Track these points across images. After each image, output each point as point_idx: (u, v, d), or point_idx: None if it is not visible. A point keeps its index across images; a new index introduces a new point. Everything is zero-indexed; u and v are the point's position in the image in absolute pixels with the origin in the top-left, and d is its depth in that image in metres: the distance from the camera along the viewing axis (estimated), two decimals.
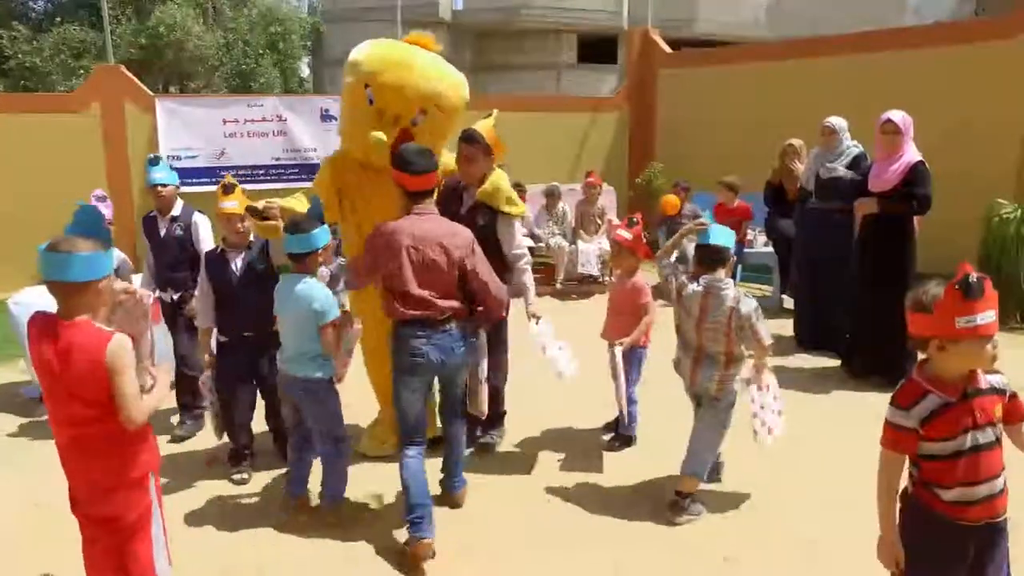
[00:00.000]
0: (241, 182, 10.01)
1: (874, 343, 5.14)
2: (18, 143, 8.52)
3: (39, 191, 8.43)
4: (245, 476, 3.87)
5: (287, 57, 17.56)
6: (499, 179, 3.87)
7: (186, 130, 9.16)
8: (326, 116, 9.74)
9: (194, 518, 3.49)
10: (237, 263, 3.85)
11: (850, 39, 9.19)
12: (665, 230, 8.25)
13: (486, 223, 3.81)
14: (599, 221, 8.21)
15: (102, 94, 8.93)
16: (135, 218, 8.86)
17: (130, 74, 9.30)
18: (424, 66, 3.61)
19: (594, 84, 20.76)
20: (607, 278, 8.26)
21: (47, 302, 2.36)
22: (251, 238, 3.89)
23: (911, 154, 4.93)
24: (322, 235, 3.29)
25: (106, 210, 4.78)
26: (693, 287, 3.33)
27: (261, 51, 16.60)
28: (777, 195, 7.15)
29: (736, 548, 3.19)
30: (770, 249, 7.50)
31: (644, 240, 4.10)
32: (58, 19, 17.09)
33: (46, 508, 3.57)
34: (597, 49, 21.86)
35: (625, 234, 4.07)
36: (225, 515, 3.55)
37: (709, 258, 3.32)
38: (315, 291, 3.25)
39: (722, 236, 3.35)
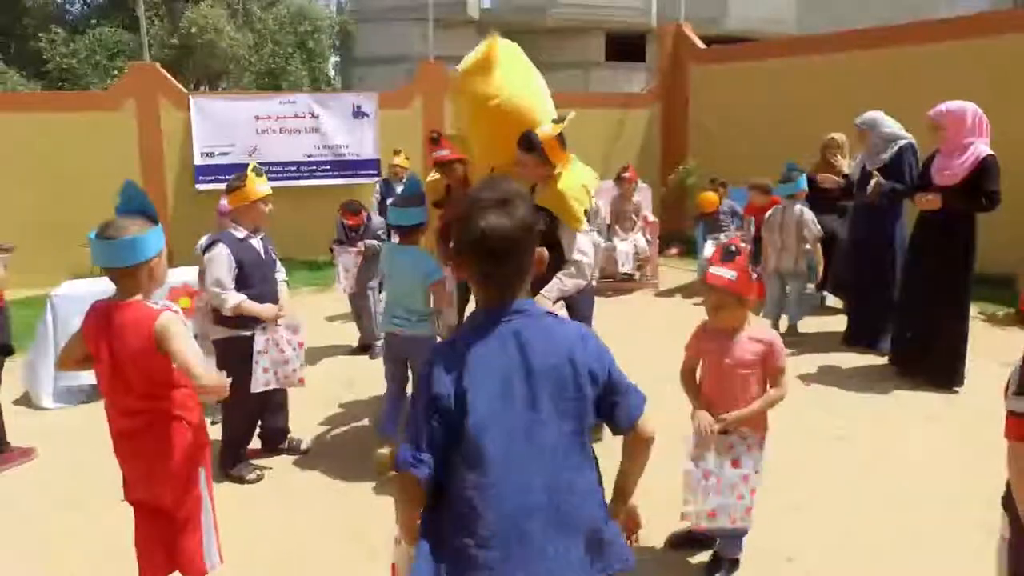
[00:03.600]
0: (273, 179, 10.10)
1: (927, 343, 4.97)
2: (54, 141, 8.62)
3: (75, 189, 8.52)
4: (260, 472, 3.82)
5: (316, 56, 17.63)
6: (566, 186, 3.54)
7: (219, 127, 9.20)
8: (358, 113, 9.73)
9: (242, 511, 3.44)
10: (259, 247, 3.77)
11: (889, 32, 8.96)
12: (703, 228, 8.10)
13: (545, 228, 3.42)
14: (635, 218, 8.07)
15: (137, 92, 9.00)
16: (169, 218, 8.93)
17: (164, 71, 9.36)
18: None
19: (622, 82, 20.60)
20: (644, 276, 8.14)
21: (90, 295, 2.35)
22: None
23: (980, 147, 4.67)
24: (423, 212, 3.82)
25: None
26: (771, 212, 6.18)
27: (291, 50, 16.69)
28: (817, 191, 6.98)
29: (798, 548, 3.07)
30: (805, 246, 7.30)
31: (756, 276, 2.71)
32: (93, 21, 17.33)
33: (85, 500, 3.56)
34: (625, 47, 21.68)
35: (724, 272, 2.57)
36: (270, 506, 3.50)
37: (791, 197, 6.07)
38: (423, 257, 3.78)
39: (801, 183, 6.03)
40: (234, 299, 3.54)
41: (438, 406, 1.51)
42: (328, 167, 9.70)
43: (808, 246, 6.01)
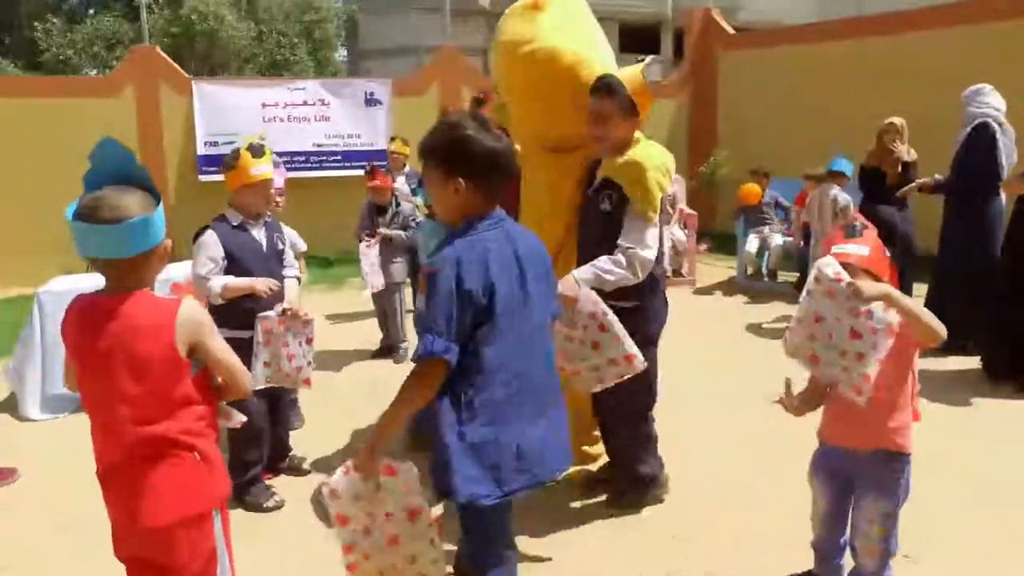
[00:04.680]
0: None
1: (1016, 343, 4.44)
2: (48, 129, 8.07)
3: (69, 180, 7.95)
4: (279, 498, 3.27)
5: (322, 47, 17.09)
6: (642, 154, 2.73)
7: (223, 115, 8.64)
8: (370, 100, 9.19)
9: (247, 545, 2.89)
10: (260, 236, 3.28)
11: (937, 12, 8.42)
12: (743, 221, 7.55)
13: (612, 209, 2.73)
14: (670, 210, 7.52)
15: (137, 77, 8.46)
16: (170, 211, 8.38)
17: (165, 55, 8.82)
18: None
19: None
20: (680, 272, 7.60)
21: (83, 290, 1.81)
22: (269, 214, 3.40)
23: None
24: None
25: (279, 178, 4.12)
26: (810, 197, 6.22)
27: (296, 40, 16.15)
28: (874, 179, 6.44)
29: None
30: None
31: (886, 252, 2.24)
32: (91, 11, 16.83)
33: (74, 533, 3.02)
34: (640, 38, 21.13)
35: (853, 249, 2.13)
36: (278, 540, 2.96)
37: (830, 175, 6.10)
38: (433, 235, 3.29)
39: (841, 165, 6.12)
40: (218, 283, 3.08)
41: (470, 299, 1.79)
42: (339, 158, 9.15)
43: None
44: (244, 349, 3.11)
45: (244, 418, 1.99)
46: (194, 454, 1.76)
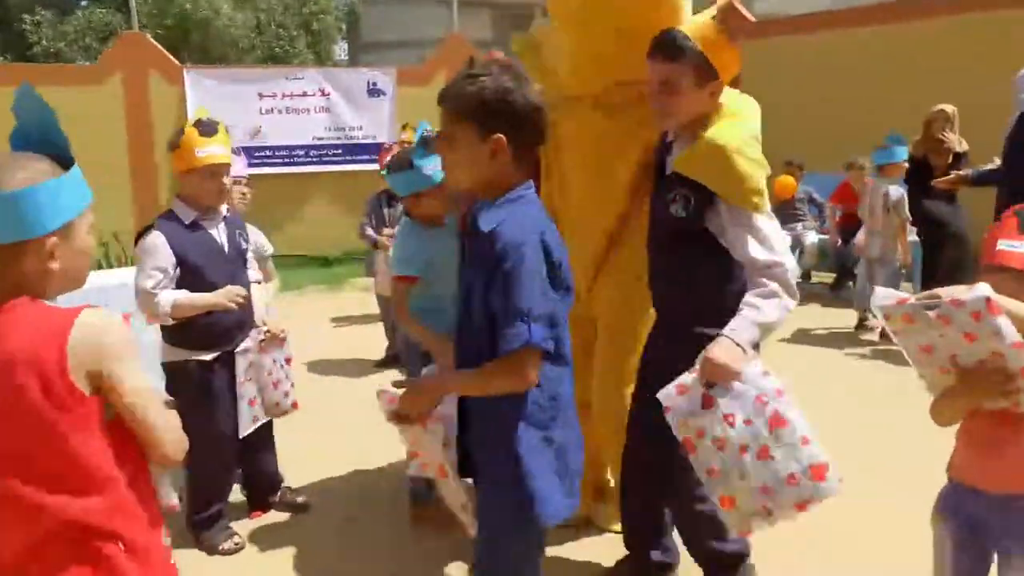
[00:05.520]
0: (280, 164, 9.02)
1: None
2: None
3: None
4: (238, 540, 2.78)
5: (322, 39, 16.66)
6: (728, 138, 1.96)
7: (218, 105, 8.07)
8: (374, 90, 8.70)
9: None
10: (220, 235, 2.70)
11: None
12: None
13: (687, 216, 2.00)
14: None
15: (125, 65, 7.98)
16: (159, 206, 7.90)
17: (156, 42, 8.32)
18: None
19: None
20: None
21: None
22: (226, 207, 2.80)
23: None
24: (410, 177, 2.63)
25: (240, 166, 3.44)
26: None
27: (295, 31, 15.71)
28: (921, 171, 5.95)
29: None
30: (912, 238, 6.27)
31: None
32: (82, 2, 16.39)
33: None
34: None
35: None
36: None
37: (879, 169, 5.55)
38: (401, 238, 2.78)
39: (900, 154, 5.47)
40: (166, 299, 2.51)
41: (555, 274, 1.56)
42: (340, 151, 8.68)
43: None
44: (199, 375, 2.62)
45: (175, 502, 1.46)
46: (118, 545, 1.21)
